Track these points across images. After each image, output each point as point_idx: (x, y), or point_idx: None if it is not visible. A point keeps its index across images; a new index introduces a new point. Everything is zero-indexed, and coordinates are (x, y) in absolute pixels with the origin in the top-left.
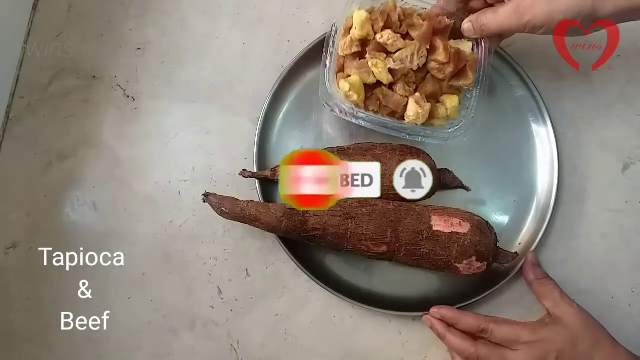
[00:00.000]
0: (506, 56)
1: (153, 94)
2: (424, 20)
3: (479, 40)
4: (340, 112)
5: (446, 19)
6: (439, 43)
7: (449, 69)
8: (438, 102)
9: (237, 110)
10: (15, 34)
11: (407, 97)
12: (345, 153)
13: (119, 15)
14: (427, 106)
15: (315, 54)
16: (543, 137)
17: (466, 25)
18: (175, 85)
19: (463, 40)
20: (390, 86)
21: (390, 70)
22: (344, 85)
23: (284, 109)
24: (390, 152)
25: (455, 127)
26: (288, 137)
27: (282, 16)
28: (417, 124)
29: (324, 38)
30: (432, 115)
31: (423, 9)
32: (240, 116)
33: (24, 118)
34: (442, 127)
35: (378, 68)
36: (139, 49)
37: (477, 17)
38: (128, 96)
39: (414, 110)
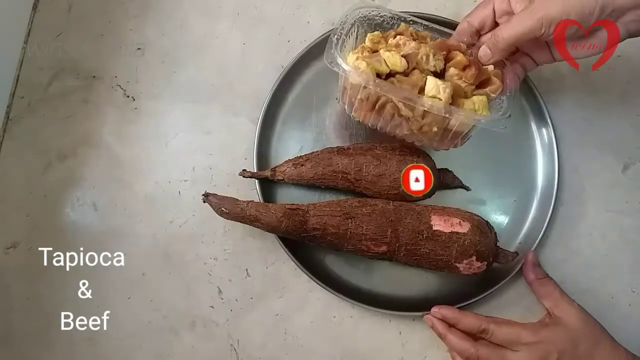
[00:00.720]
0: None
1: (153, 94)
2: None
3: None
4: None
5: (462, 45)
6: (455, 52)
7: (471, 72)
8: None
9: (237, 110)
10: (15, 34)
11: (425, 75)
12: (345, 153)
13: (119, 15)
14: (449, 84)
15: (315, 54)
16: (543, 137)
17: (482, 50)
18: (175, 85)
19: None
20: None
21: (404, 58)
22: (351, 57)
23: (284, 109)
24: (390, 152)
25: (499, 112)
26: (288, 137)
27: (282, 16)
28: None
29: (324, 38)
30: (457, 104)
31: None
32: (240, 116)
33: (24, 118)
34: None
35: (391, 53)
36: (139, 49)
37: (492, 34)
38: (128, 96)
39: (434, 83)
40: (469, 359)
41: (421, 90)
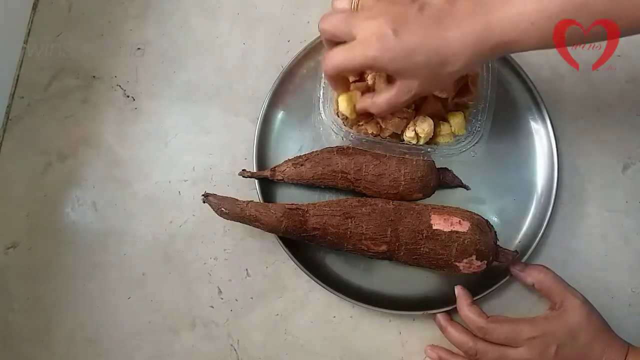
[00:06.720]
0: (506, 56)
1: (153, 94)
2: None
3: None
4: (337, 135)
5: None
6: None
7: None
8: (443, 120)
9: (237, 110)
10: (15, 34)
11: (405, 118)
12: (345, 153)
13: (119, 15)
14: (425, 125)
15: (315, 54)
16: (543, 136)
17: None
18: (175, 85)
19: None
20: None
21: None
22: (342, 102)
23: (284, 108)
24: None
25: (462, 143)
26: (287, 137)
27: (282, 16)
28: (418, 144)
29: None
30: (435, 133)
31: None
32: (240, 116)
33: (24, 118)
34: (449, 144)
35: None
36: (139, 49)
37: None
38: (128, 96)
39: (412, 133)
40: (467, 352)
41: (404, 129)
